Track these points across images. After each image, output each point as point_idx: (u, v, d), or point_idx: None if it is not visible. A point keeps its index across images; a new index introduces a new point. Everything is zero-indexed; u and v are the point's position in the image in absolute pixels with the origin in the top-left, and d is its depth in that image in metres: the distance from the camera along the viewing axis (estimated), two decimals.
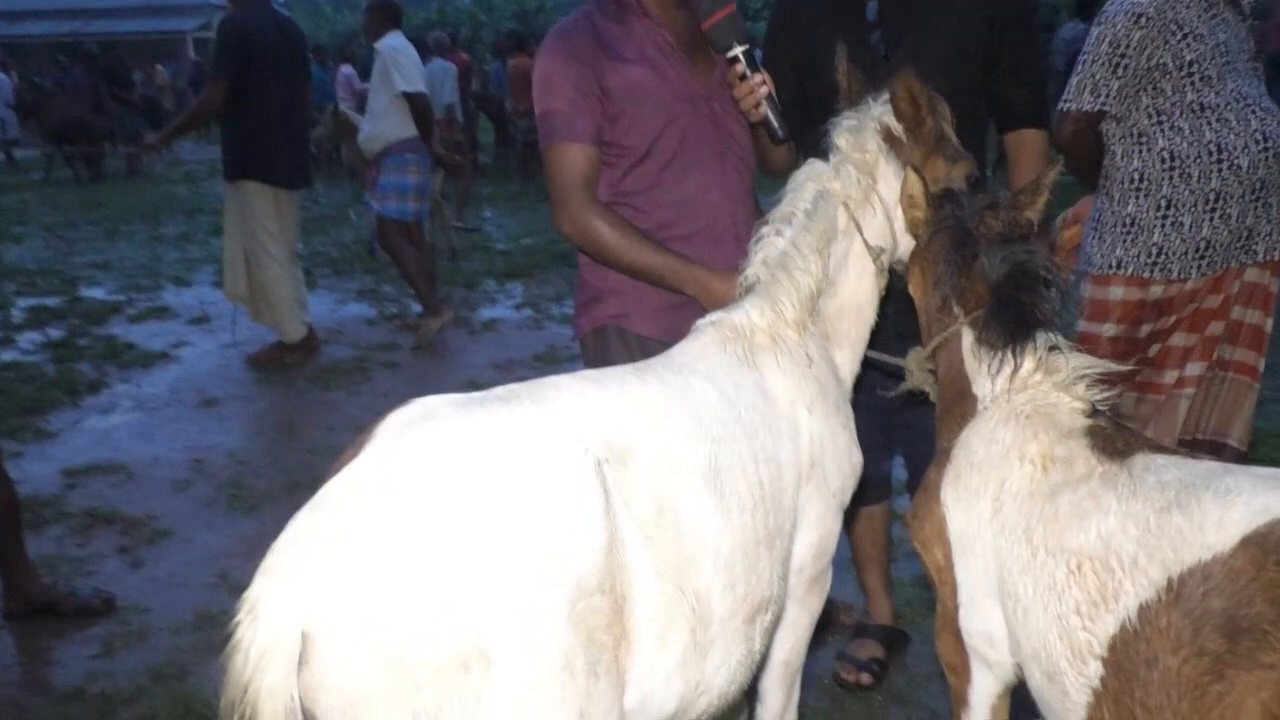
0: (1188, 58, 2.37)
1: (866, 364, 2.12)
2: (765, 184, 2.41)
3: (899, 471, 2.99)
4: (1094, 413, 1.51)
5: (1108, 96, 2.48)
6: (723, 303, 2.15)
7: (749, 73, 2.17)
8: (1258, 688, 1.11)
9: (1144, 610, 1.23)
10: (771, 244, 1.86)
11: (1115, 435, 1.46)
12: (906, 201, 1.83)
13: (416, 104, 6.06)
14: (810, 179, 1.90)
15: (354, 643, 1.09)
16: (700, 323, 1.80)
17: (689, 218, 2.33)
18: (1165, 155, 2.47)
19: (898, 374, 2.00)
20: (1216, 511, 1.20)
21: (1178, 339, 2.59)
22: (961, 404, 1.70)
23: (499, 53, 16.36)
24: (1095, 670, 1.27)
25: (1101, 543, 1.31)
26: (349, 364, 5.99)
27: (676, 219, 2.33)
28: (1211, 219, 2.44)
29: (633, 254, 2.22)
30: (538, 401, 1.35)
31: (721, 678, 1.47)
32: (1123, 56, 2.42)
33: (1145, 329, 2.54)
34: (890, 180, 1.93)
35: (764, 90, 2.17)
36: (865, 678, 2.78)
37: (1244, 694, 1.11)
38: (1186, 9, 2.37)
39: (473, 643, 1.10)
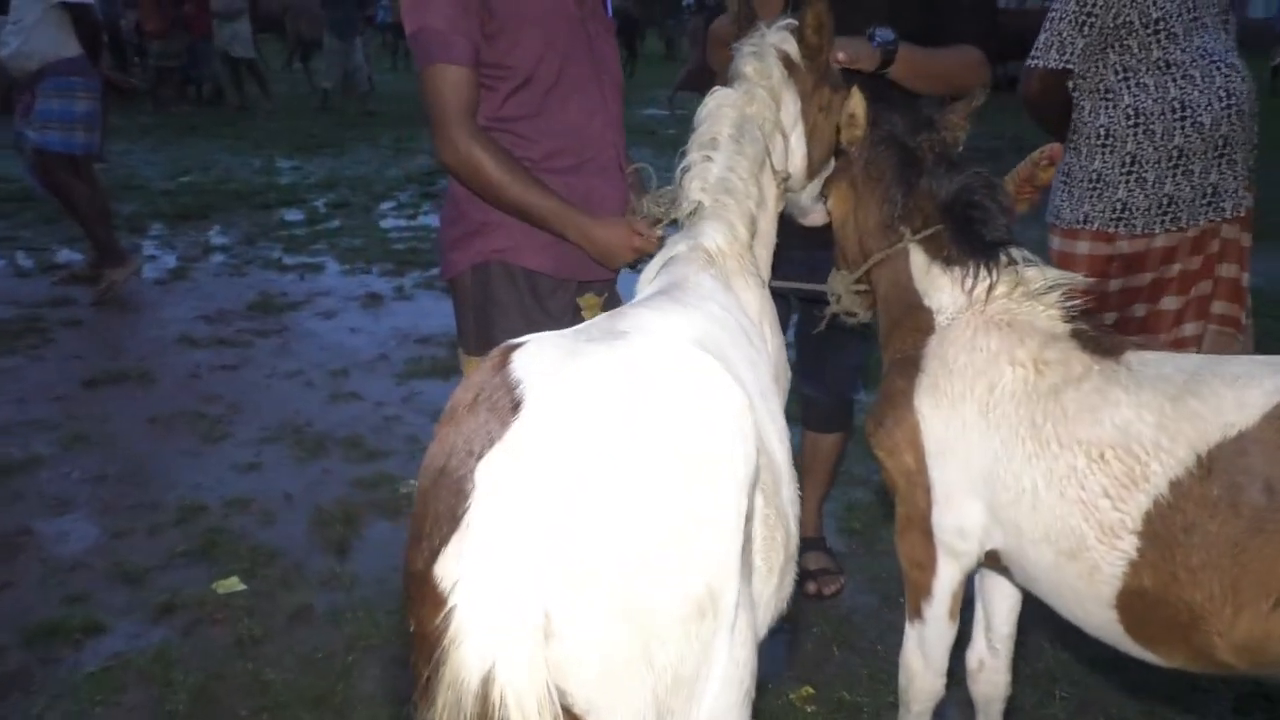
0: (1154, 15, 2.43)
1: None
2: None
3: None
4: (1072, 318, 1.67)
5: (1073, 54, 2.51)
6: (604, 249, 2.11)
7: None
8: None
9: (1176, 485, 1.41)
10: (705, 169, 1.83)
11: (1100, 337, 1.63)
12: (847, 120, 1.88)
13: (82, 16, 5.16)
14: (724, 104, 1.88)
15: (603, 608, 0.96)
16: (675, 249, 1.73)
17: (575, 148, 2.23)
18: (1130, 112, 2.50)
19: (812, 299, 2.07)
20: (1233, 394, 1.40)
21: (1168, 302, 2.66)
22: (912, 318, 1.81)
23: None
24: (1130, 544, 1.44)
25: (1119, 431, 1.47)
26: (18, 325, 5.07)
27: (562, 148, 2.21)
28: (1174, 175, 2.50)
29: (516, 191, 2.09)
30: (664, 333, 1.27)
31: (785, 599, 1.48)
32: (1089, 15, 2.46)
33: (1115, 284, 2.62)
34: (788, 106, 1.97)
35: None
36: (830, 585, 2.91)
37: None
38: None
39: (705, 586, 1.02)
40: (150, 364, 4.63)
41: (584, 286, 2.39)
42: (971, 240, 1.72)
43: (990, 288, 1.68)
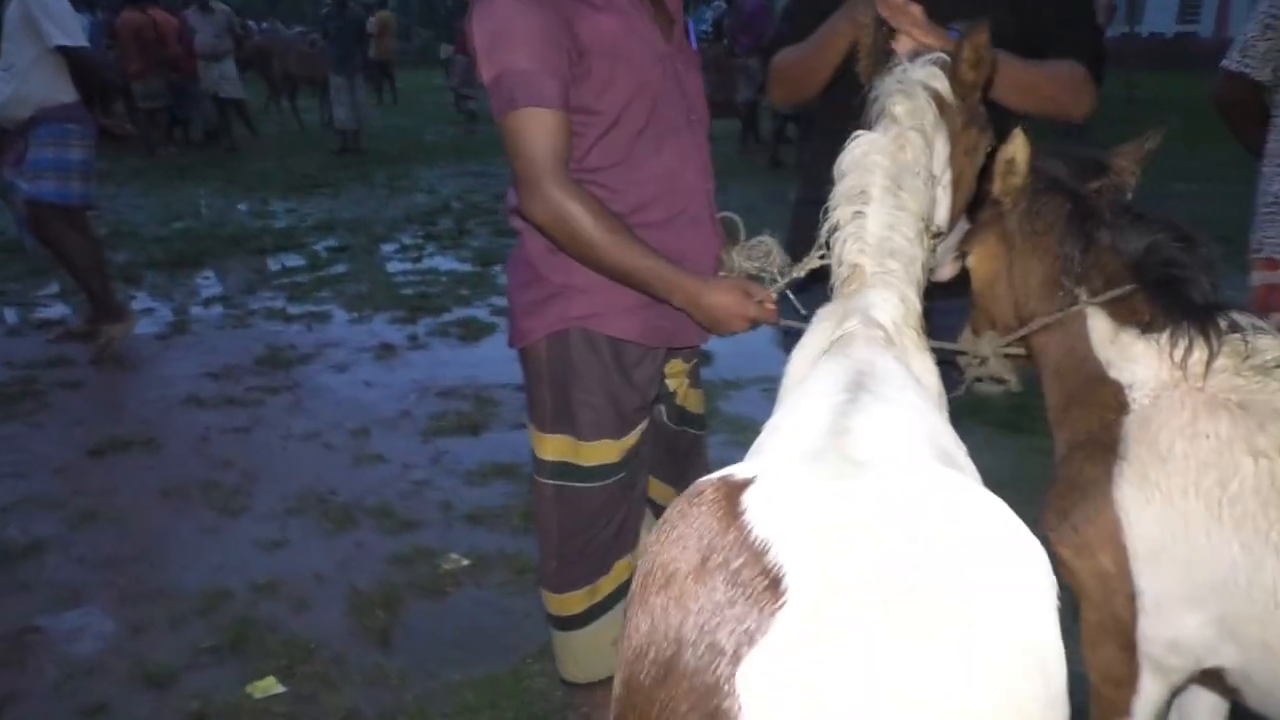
0: None
1: None
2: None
3: None
4: None
5: (1253, 58, 2.32)
6: (712, 317, 1.87)
7: None
8: None
9: None
10: (861, 227, 1.58)
11: None
12: (1004, 167, 1.65)
13: (78, 61, 4.91)
14: (873, 151, 1.64)
15: None
16: (846, 325, 1.48)
17: (667, 198, 1.99)
18: None
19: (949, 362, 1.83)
20: None
21: None
22: (1096, 393, 1.57)
23: (93, 3, 14.04)
24: None
25: None
26: (13, 388, 4.77)
27: (653, 199, 1.98)
28: None
29: (617, 253, 1.85)
30: (911, 458, 1.03)
31: None
32: (1275, 18, 2.28)
33: (1277, 318, 2.34)
34: (940, 152, 1.74)
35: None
36: None
37: None
38: None
39: None
40: (156, 428, 4.34)
41: (671, 353, 2.15)
42: (1180, 302, 1.48)
43: (1210, 359, 1.44)
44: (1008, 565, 0.83)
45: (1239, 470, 1.36)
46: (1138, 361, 1.52)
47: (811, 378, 1.33)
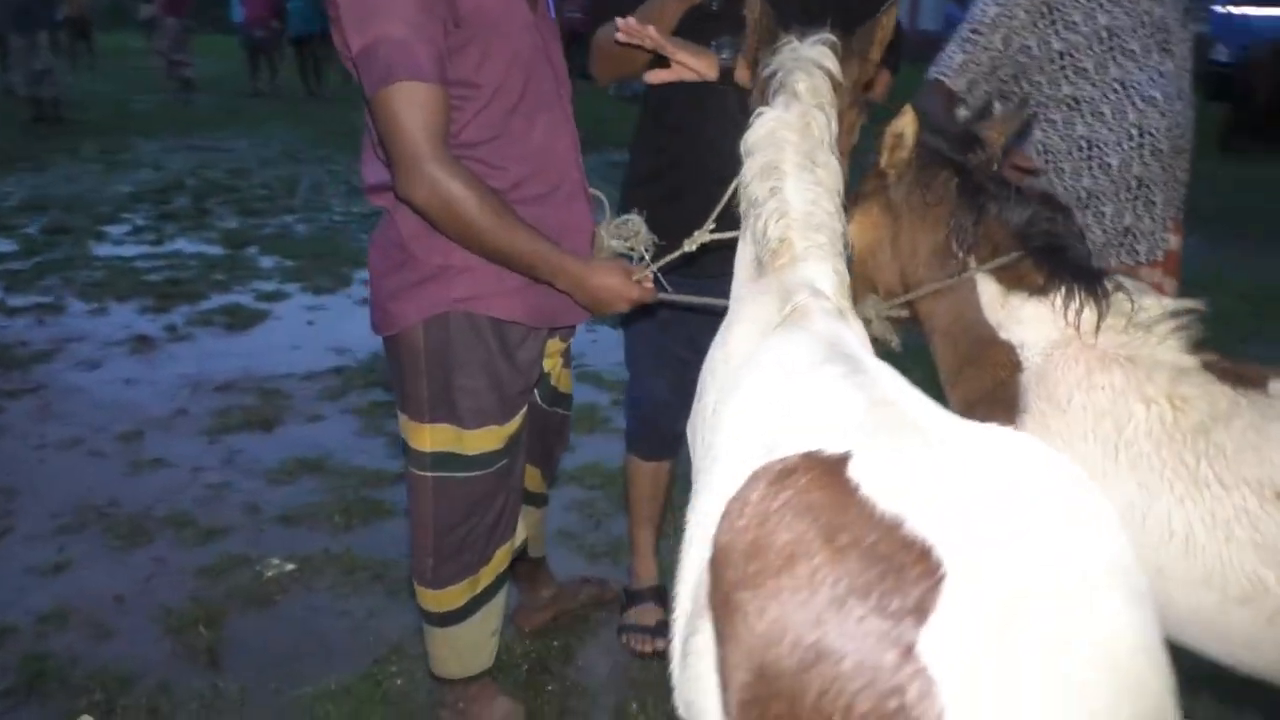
0: (1056, 47, 2.29)
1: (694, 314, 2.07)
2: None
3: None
4: (1196, 348, 1.59)
5: (948, 67, 2.36)
6: (597, 298, 1.88)
7: None
8: None
9: None
10: (782, 203, 1.61)
11: (1233, 367, 1.58)
12: (892, 142, 1.74)
13: None
14: (782, 127, 1.67)
15: None
16: (798, 299, 1.48)
17: (544, 173, 1.95)
18: (1039, 148, 2.37)
19: None
20: None
21: None
22: (988, 354, 1.70)
23: None
24: None
25: None
26: None
27: (530, 175, 1.92)
28: (1084, 216, 2.35)
29: (502, 236, 1.80)
30: (957, 423, 1.06)
31: None
32: (975, 32, 2.33)
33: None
34: (833, 129, 1.81)
35: None
36: (660, 643, 2.68)
37: None
38: None
39: None
40: None
41: (550, 333, 2.10)
42: (1068, 267, 1.62)
43: (1101, 317, 1.59)
44: (1101, 502, 0.90)
45: (1133, 416, 1.53)
46: (1028, 323, 1.66)
47: (771, 352, 1.34)
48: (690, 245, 1.88)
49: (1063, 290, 1.63)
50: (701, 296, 2.00)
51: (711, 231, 1.87)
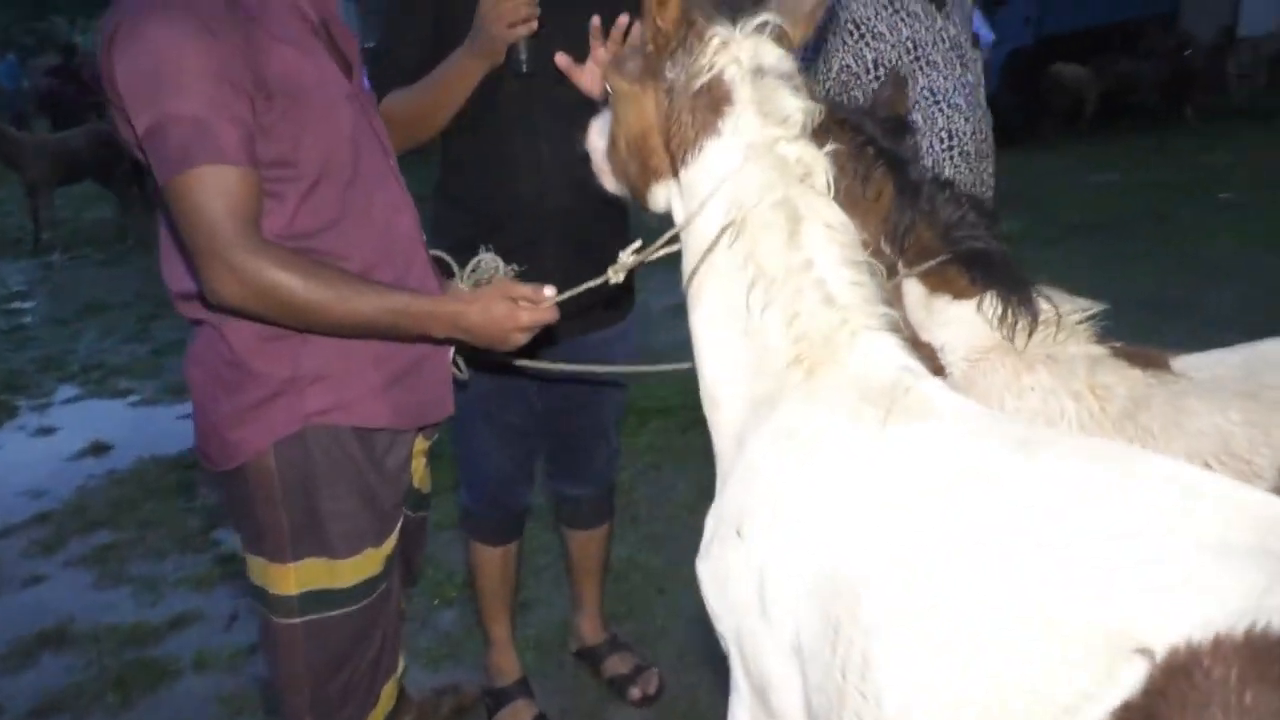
0: (869, 58, 2.36)
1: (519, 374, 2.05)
2: None
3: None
4: (1100, 338, 1.66)
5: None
6: (485, 335, 1.63)
7: None
8: None
9: None
10: (820, 282, 1.34)
11: (1137, 351, 1.65)
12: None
13: None
14: (778, 174, 1.39)
15: None
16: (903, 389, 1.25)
17: (391, 255, 1.73)
18: None
19: None
20: None
21: None
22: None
23: None
24: None
25: (1213, 438, 1.51)
26: None
27: (378, 261, 1.70)
28: None
29: (350, 304, 1.55)
30: None
31: None
32: (850, 34, 2.36)
33: None
34: None
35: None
36: (653, 684, 2.63)
37: None
38: (863, 7, 2.35)
39: None
40: None
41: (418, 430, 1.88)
42: (996, 272, 1.64)
43: (1034, 324, 1.63)
44: None
45: (1065, 412, 1.61)
46: (951, 326, 1.69)
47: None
48: (651, 255, 1.59)
49: (993, 297, 1.66)
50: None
51: (636, 252, 1.59)
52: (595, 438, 2.53)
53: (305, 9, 1.64)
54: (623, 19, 1.91)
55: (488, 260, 1.87)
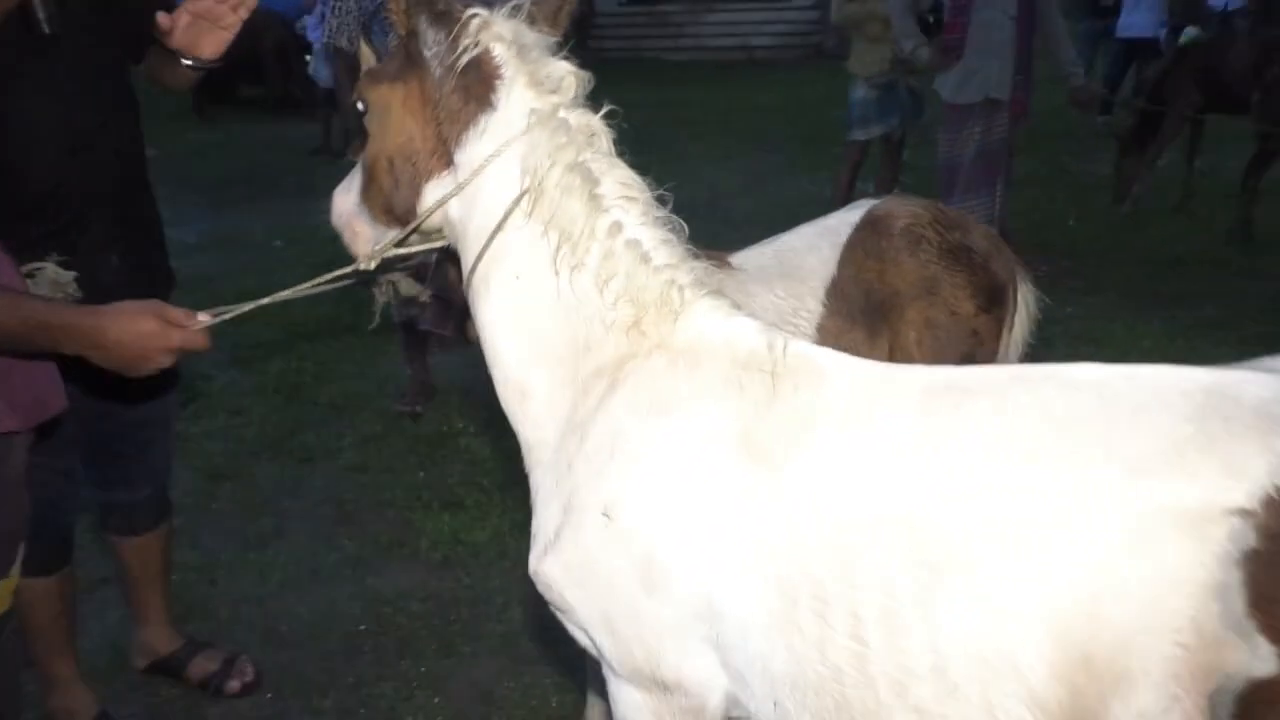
0: None
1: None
2: None
3: None
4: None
5: None
6: (125, 356, 1.39)
7: None
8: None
9: (826, 318, 2.02)
10: (634, 242, 1.31)
11: (705, 253, 1.72)
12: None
13: None
14: (566, 139, 1.34)
15: None
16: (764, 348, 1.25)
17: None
18: None
19: None
20: (816, 240, 2.12)
21: None
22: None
23: None
24: None
25: (773, 311, 1.95)
26: None
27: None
28: None
29: None
30: None
31: None
32: None
33: None
34: None
35: None
36: (249, 671, 2.49)
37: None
38: None
39: None
40: None
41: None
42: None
43: None
44: None
45: None
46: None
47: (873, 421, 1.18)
48: (368, 263, 1.46)
49: None
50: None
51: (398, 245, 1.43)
52: (147, 444, 2.27)
53: None
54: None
55: (47, 269, 1.72)
